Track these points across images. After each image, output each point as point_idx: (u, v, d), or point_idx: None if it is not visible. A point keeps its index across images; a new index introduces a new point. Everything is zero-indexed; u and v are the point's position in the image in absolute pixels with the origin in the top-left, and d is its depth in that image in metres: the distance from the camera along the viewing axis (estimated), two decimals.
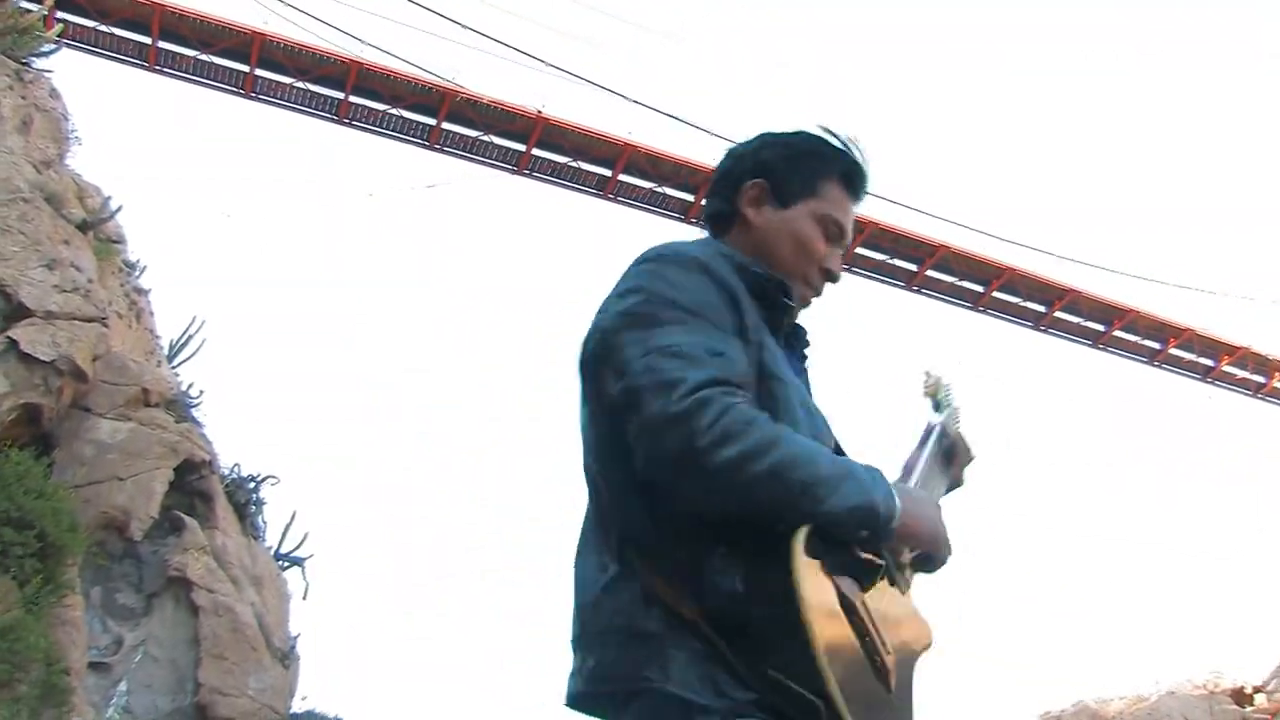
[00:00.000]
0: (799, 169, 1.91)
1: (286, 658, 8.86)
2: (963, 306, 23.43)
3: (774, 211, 1.90)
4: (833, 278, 1.91)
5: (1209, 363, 24.68)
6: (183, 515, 8.36)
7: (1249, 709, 16.32)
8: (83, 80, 27.14)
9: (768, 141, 1.96)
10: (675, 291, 1.58)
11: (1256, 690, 16.74)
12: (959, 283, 23.23)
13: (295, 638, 9.56)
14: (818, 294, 1.92)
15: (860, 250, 22.38)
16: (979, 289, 23.19)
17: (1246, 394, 25.14)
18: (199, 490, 8.75)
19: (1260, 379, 24.97)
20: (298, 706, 8.96)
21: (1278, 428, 26.23)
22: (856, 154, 1.96)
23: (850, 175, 1.94)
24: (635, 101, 20.77)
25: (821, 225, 1.88)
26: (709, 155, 20.87)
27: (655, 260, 1.66)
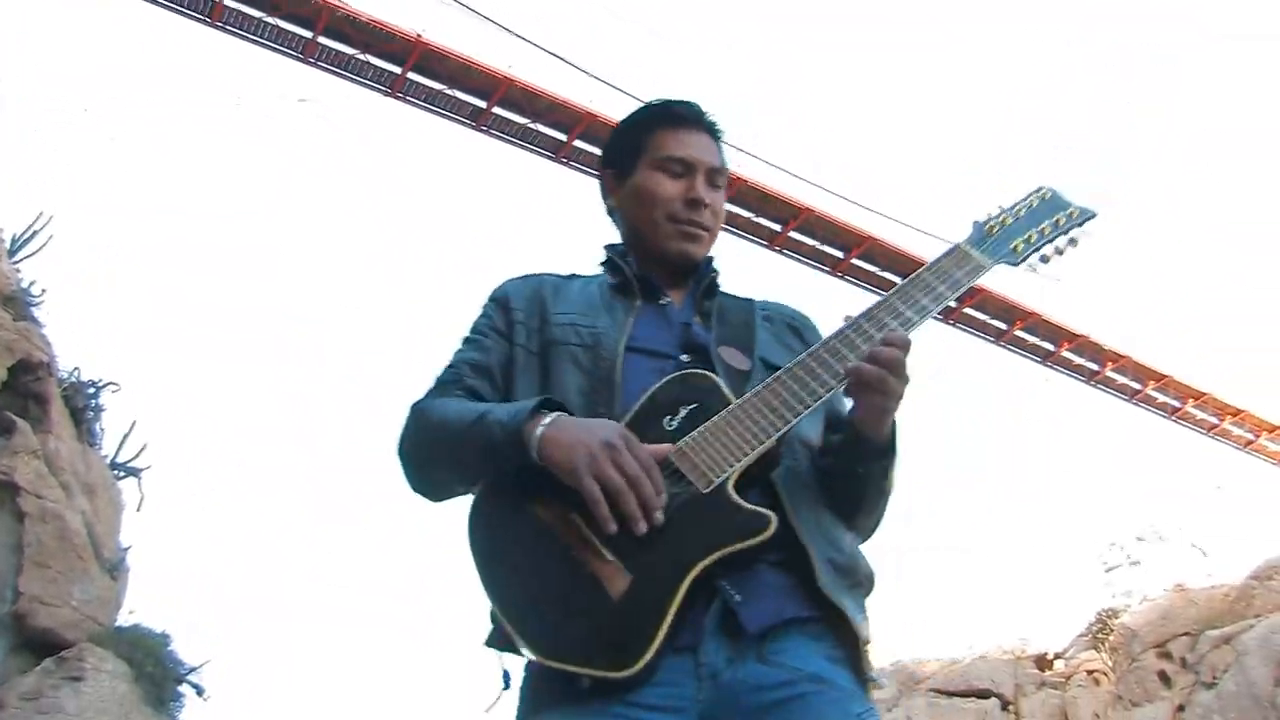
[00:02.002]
0: (625, 139, 2.05)
1: (116, 569, 8.67)
2: (823, 271, 23.90)
3: (623, 186, 2.03)
4: (697, 206, 1.96)
5: (1050, 347, 25.77)
6: (14, 417, 8.06)
7: (1048, 673, 17.56)
8: None
9: (607, 139, 2.11)
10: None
11: (1057, 656, 18.03)
12: (820, 247, 23.69)
13: (126, 549, 9.35)
14: (698, 227, 1.97)
15: (728, 206, 22.58)
16: (839, 255, 23.68)
17: (1081, 380, 26.35)
18: (34, 392, 8.42)
19: (1095, 366, 26.18)
20: (124, 620, 8.75)
21: (1100, 409, 27.61)
22: (671, 100, 2.06)
23: (669, 113, 2.03)
24: (516, 34, 20.52)
25: (661, 169, 1.97)
26: (587, 97, 20.92)
27: None
